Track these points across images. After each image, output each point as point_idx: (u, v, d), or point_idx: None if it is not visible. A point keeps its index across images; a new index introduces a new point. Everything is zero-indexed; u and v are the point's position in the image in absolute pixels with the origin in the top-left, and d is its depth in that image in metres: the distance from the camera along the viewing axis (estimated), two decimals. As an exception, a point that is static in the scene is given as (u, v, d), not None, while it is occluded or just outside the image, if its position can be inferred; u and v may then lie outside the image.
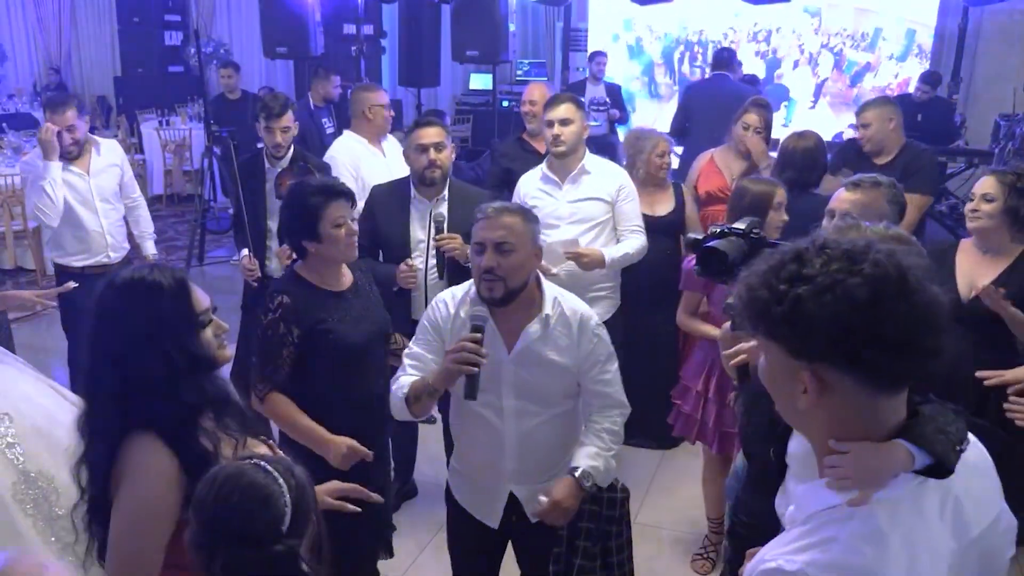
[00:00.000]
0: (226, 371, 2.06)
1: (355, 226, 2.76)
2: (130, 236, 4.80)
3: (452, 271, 3.59)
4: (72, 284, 3.93)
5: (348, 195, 2.78)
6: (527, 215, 2.55)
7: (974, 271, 3.15)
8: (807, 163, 4.13)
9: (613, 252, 3.82)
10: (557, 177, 3.92)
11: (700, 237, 2.72)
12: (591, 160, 3.95)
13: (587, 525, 2.59)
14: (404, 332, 3.31)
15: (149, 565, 1.76)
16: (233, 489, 1.59)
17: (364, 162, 4.55)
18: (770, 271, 1.26)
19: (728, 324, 2.26)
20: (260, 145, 4.47)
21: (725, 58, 7.44)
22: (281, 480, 1.61)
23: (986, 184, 3.13)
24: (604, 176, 3.92)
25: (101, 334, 1.84)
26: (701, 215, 4.60)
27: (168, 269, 1.90)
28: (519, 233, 2.47)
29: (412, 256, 3.59)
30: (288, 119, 4.30)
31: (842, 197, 2.78)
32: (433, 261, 3.61)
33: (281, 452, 2.07)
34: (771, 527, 1.64)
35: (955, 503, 1.31)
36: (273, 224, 4.33)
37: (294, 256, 3.91)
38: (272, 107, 4.26)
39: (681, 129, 6.67)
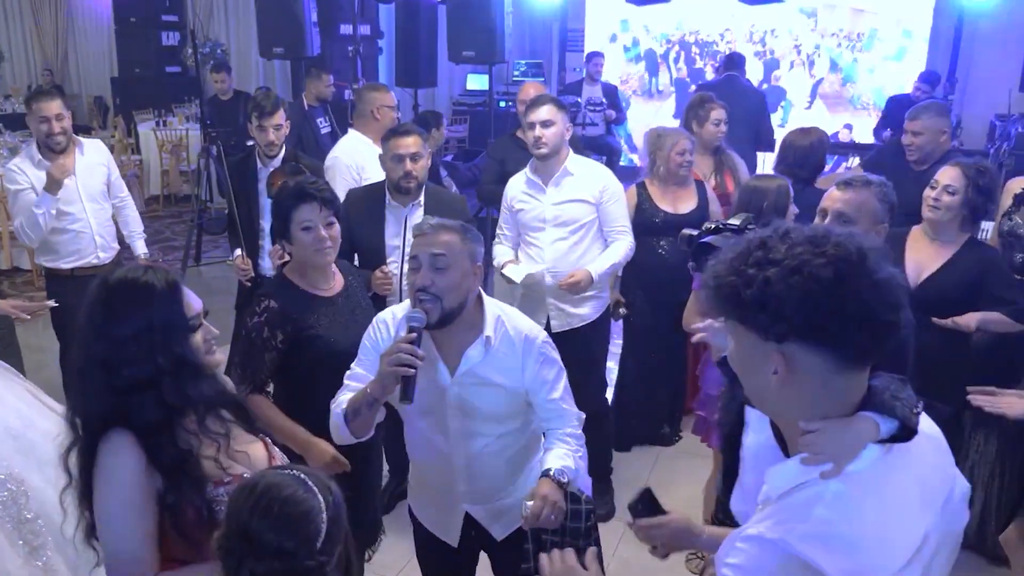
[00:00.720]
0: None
1: (327, 231, 2.72)
2: (120, 237, 4.77)
3: None
4: (51, 303, 4.00)
5: (320, 199, 2.72)
6: (466, 233, 2.41)
7: (922, 258, 3.30)
8: (806, 159, 4.17)
9: (599, 265, 3.81)
10: (540, 180, 3.90)
11: (695, 233, 2.73)
12: (574, 161, 3.92)
13: (552, 538, 2.54)
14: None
15: (137, 554, 1.76)
16: (272, 501, 1.57)
17: (369, 163, 4.53)
18: (737, 258, 1.31)
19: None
20: (251, 143, 4.47)
21: (736, 60, 7.50)
22: (320, 496, 1.60)
23: (950, 175, 3.24)
24: (587, 177, 3.89)
25: (91, 332, 1.84)
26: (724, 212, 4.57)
27: (161, 271, 1.89)
28: (456, 251, 2.34)
29: (387, 262, 3.54)
30: (280, 117, 4.30)
31: (834, 196, 2.79)
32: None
33: (277, 452, 2.08)
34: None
35: (920, 472, 1.36)
36: (266, 224, 4.33)
37: (286, 256, 3.94)
38: (264, 105, 4.27)
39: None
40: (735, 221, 2.74)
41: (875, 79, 9.96)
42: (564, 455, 2.45)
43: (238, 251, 4.40)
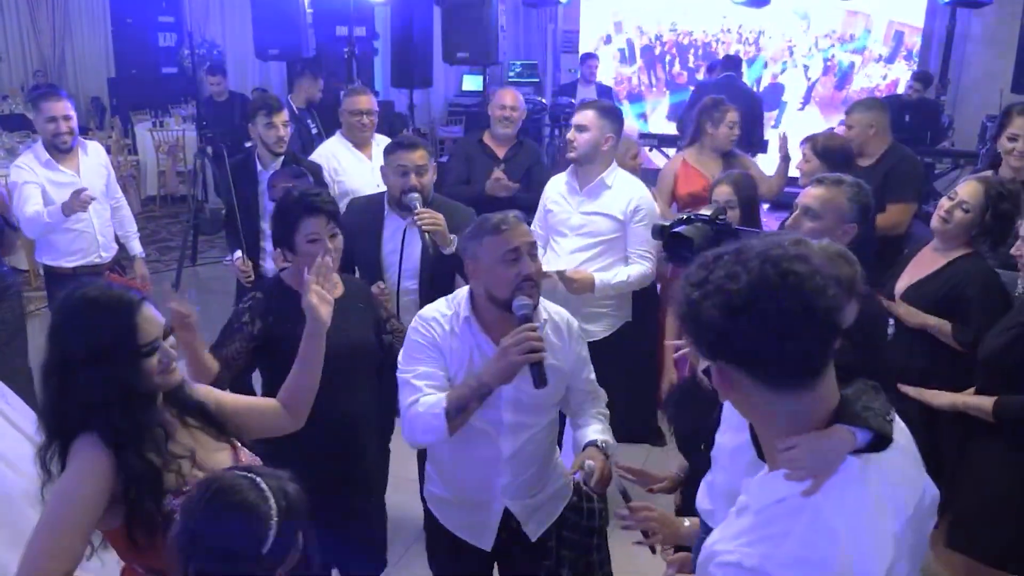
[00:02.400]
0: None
1: (333, 242, 2.72)
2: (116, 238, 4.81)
3: (431, 274, 3.47)
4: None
5: (327, 211, 2.72)
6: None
7: (917, 268, 3.26)
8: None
9: (607, 277, 3.72)
10: (577, 184, 3.86)
11: (667, 224, 2.74)
12: (615, 175, 3.84)
13: (570, 535, 2.61)
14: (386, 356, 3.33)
15: (61, 551, 1.77)
16: (222, 503, 1.58)
17: (346, 167, 4.56)
18: (688, 274, 1.34)
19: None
20: (248, 144, 4.50)
21: (734, 61, 7.54)
22: (272, 501, 1.60)
23: (970, 191, 3.10)
24: (622, 193, 3.79)
25: (50, 344, 1.85)
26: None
27: (119, 295, 1.86)
28: (534, 238, 2.48)
29: (384, 276, 3.47)
30: (286, 114, 4.37)
31: (807, 192, 2.84)
32: (407, 283, 3.48)
33: (248, 455, 2.09)
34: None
35: (893, 486, 1.37)
36: (266, 225, 4.36)
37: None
38: (272, 103, 4.35)
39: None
40: (705, 212, 2.76)
41: (868, 80, 10.00)
42: (603, 430, 2.56)
43: (238, 252, 4.41)
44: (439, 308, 2.55)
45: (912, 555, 1.41)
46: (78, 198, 4.19)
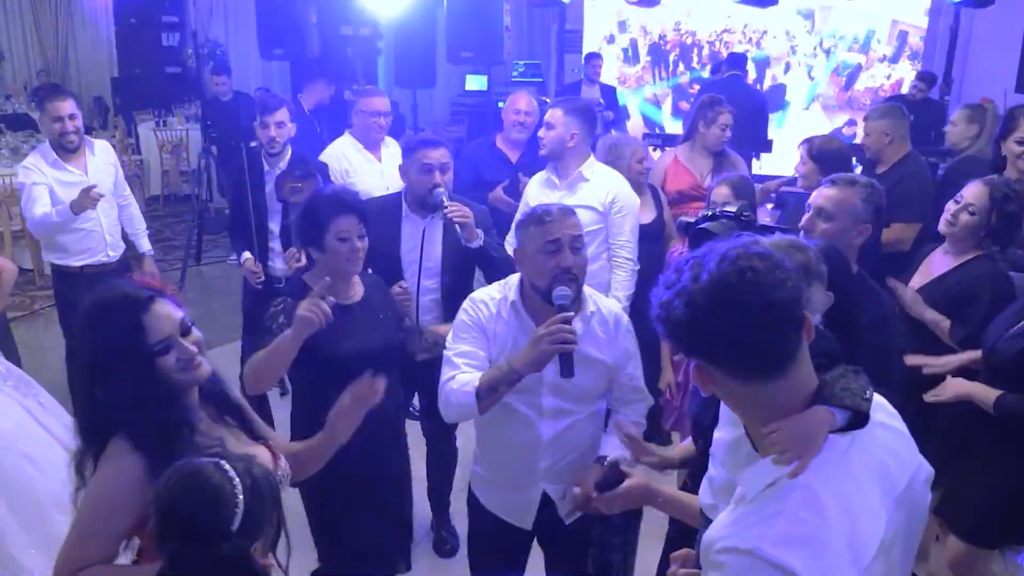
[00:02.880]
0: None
1: (360, 243, 2.76)
2: (124, 236, 4.83)
3: (452, 273, 3.50)
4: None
5: (359, 211, 2.76)
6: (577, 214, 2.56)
7: (928, 270, 3.29)
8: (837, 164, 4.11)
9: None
10: (557, 179, 3.94)
11: (691, 220, 2.78)
12: (592, 167, 3.94)
13: (616, 521, 2.61)
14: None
15: (94, 550, 1.81)
16: (185, 486, 1.63)
17: (356, 168, 4.55)
18: (663, 277, 1.41)
19: None
20: (253, 144, 4.50)
21: (739, 60, 7.53)
22: (236, 481, 1.64)
23: (975, 193, 3.12)
24: (600, 185, 3.90)
25: (73, 349, 1.91)
26: (673, 214, 4.59)
27: (125, 295, 1.86)
28: (582, 232, 2.52)
29: (404, 276, 3.47)
30: (282, 115, 4.33)
31: (821, 192, 2.85)
32: (427, 283, 3.49)
33: (283, 458, 2.12)
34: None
35: (880, 463, 1.42)
36: (275, 225, 4.39)
37: (303, 260, 3.93)
38: (267, 102, 4.35)
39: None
40: (731, 208, 2.80)
41: (872, 80, 10.00)
42: (620, 443, 2.56)
43: (247, 254, 4.40)
44: (490, 291, 2.65)
45: (907, 530, 1.45)
46: (88, 195, 4.20)
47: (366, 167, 4.60)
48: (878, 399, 1.50)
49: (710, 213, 2.78)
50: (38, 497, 2.94)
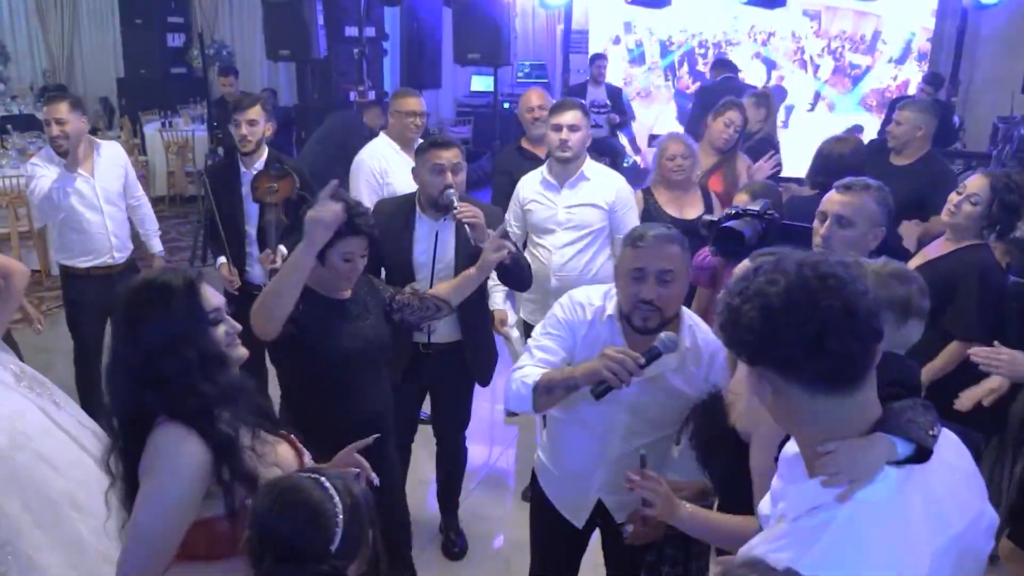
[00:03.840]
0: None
1: (361, 262, 2.74)
2: (135, 235, 4.82)
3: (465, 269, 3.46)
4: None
5: (369, 235, 2.73)
6: (683, 243, 2.43)
7: (926, 254, 3.35)
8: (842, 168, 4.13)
9: None
10: (556, 181, 3.94)
11: (716, 219, 2.75)
12: (591, 166, 3.97)
13: (673, 532, 2.60)
14: (406, 356, 3.34)
15: (166, 549, 1.78)
16: (287, 504, 1.61)
17: (394, 168, 4.53)
18: (731, 285, 1.37)
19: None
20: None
21: (728, 63, 7.53)
22: (337, 499, 1.62)
23: (977, 184, 3.21)
24: (602, 183, 3.94)
25: (119, 335, 1.89)
26: None
27: (179, 271, 1.94)
28: (679, 262, 2.38)
29: (416, 278, 3.44)
30: (255, 113, 4.27)
31: (833, 199, 2.79)
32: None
33: (307, 454, 2.10)
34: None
35: (936, 502, 1.36)
36: (251, 229, 4.32)
37: (279, 262, 3.83)
38: (240, 100, 4.34)
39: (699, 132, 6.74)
40: (755, 207, 2.77)
41: (879, 81, 9.98)
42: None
43: (222, 259, 4.35)
44: (591, 295, 2.57)
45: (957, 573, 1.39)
46: (75, 151, 4.24)
47: (404, 167, 4.56)
48: (950, 437, 1.46)
49: (734, 212, 2.75)
50: (53, 496, 2.95)
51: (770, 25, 10.21)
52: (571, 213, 3.90)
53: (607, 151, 8.82)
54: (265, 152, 4.37)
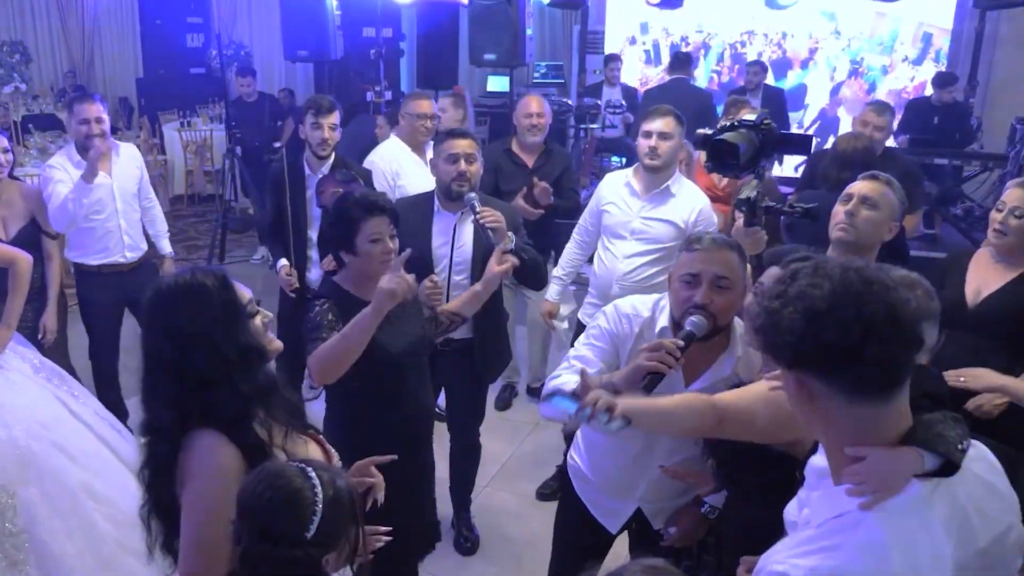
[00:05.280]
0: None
1: (393, 244, 2.73)
2: (146, 236, 4.88)
3: (482, 269, 3.39)
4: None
5: (389, 212, 2.74)
6: (740, 250, 2.39)
7: (985, 277, 3.09)
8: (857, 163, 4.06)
9: None
10: (640, 189, 3.83)
11: (709, 132, 2.66)
12: (679, 182, 3.84)
13: (710, 540, 2.59)
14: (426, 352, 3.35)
15: (222, 556, 1.78)
16: (268, 487, 1.64)
17: (407, 170, 4.55)
18: (767, 288, 1.35)
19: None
20: (277, 144, 4.44)
21: (683, 60, 7.49)
22: (318, 489, 1.65)
23: (1016, 196, 2.99)
24: (686, 201, 3.80)
25: (154, 340, 1.89)
26: None
27: (208, 269, 1.96)
28: (736, 270, 2.32)
29: (435, 270, 3.45)
30: (336, 118, 4.30)
31: (860, 185, 2.81)
32: (457, 278, 3.49)
33: (335, 454, 2.13)
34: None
35: (962, 514, 1.36)
36: (314, 233, 4.31)
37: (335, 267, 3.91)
38: (322, 103, 4.30)
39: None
40: (750, 117, 2.68)
41: (895, 82, 9.94)
42: (720, 495, 2.50)
43: (283, 260, 4.35)
44: (638, 306, 2.51)
45: None
46: (96, 161, 4.25)
47: (416, 169, 4.59)
48: (981, 450, 1.45)
49: (728, 123, 2.63)
50: (70, 485, 2.99)
51: (787, 26, 10.18)
52: (647, 225, 3.80)
53: (623, 151, 8.85)
54: (333, 157, 4.37)
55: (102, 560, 2.92)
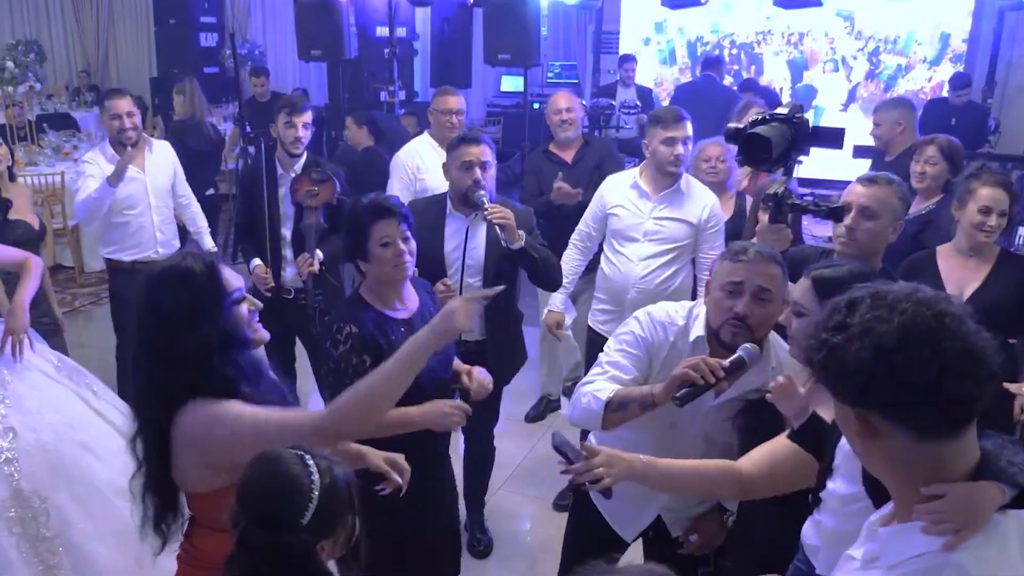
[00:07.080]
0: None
1: (406, 245, 2.64)
2: (185, 233, 4.98)
3: (495, 272, 3.46)
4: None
5: (396, 213, 2.65)
6: (784, 267, 2.35)
7: (961, 275, 3.21)
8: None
9: None
10: (649, 189, 3.81)
11: (741, 126, 2.64)
12: (687, 181, 3.84)
13: (730, 546, 2.58)
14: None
15: (293, 415, 1.93)
16: (266, 471, 1.67)
17: (428, 165, 4.53)
18: (823, 319, 1.29)
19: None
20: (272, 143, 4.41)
21: (714, 61, 7.46)
22: (316, 477, 1.65)
23: (995, 196, 3.15)
24: (696, 199, 3.81)
25: (143, 323, 1.96)
26: None
27: (198, 255, 2.02)
28: (779, 284, 2.28)
29: (448, 273, 3.43)
30: (308, 117, 4.29)
31: (858, 191, 2.78)
32: (470, 280, 3.45)
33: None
34: None
35: None
36: (287, 231, 4.30)
37: (315, 265, 3.88)
38: (295, 102, 4.32)
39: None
40: (782, 111, 2.65)
41: (912, 83, 9.87)
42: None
43: (257, 260, 4.30)
44: (672, 314, 2.47)
45: None
46: (121, 164, 4.32)
47: (437, 164, 4.57)
48: None
49: (759, 117, 2.61)
50: (98, 485, 3.00)
51: (803, 25, 10.12)
52: (660, 225, 3.78)
53: (637, 152, 8.80)
54: (304, 155, 4.36)
55: (134, 560, 2.92)
